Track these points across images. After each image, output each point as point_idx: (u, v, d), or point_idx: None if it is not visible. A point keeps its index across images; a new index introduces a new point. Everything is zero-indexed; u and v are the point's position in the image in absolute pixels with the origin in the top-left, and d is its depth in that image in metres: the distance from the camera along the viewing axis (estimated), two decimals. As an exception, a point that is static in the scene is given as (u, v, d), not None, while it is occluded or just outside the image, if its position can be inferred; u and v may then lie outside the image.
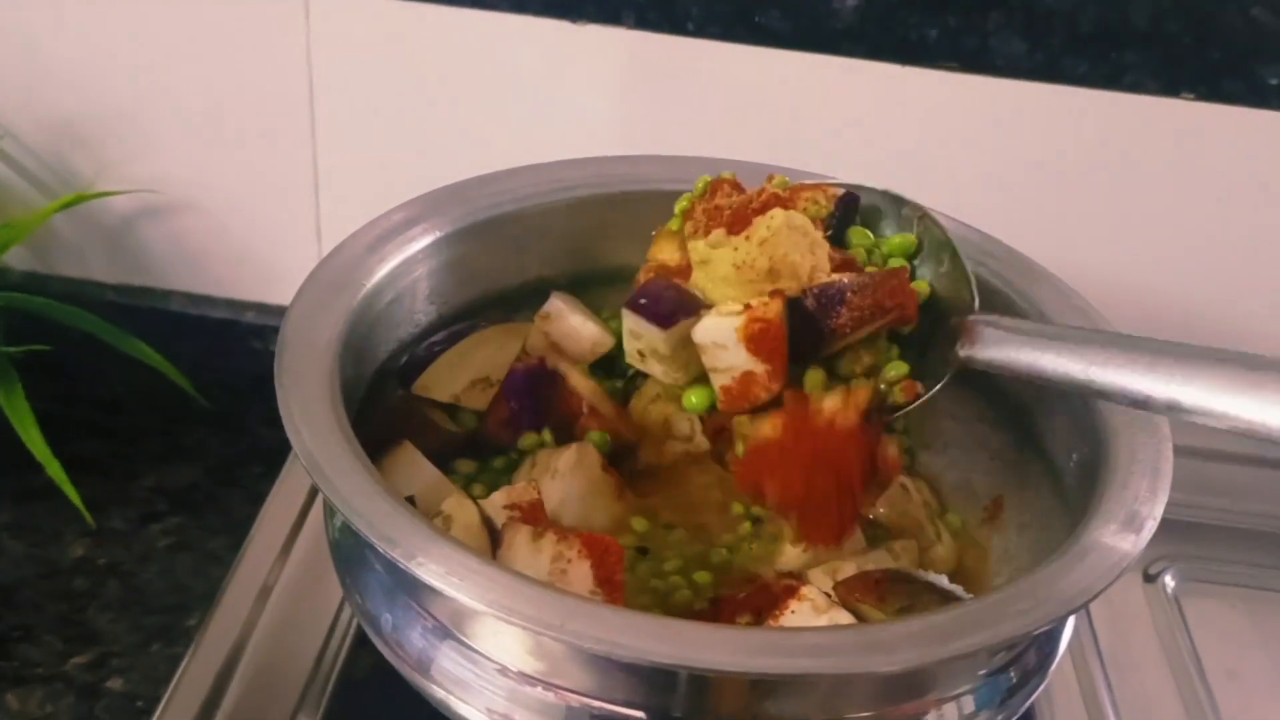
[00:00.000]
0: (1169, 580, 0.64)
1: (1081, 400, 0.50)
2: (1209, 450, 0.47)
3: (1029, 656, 0.45)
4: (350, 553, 0.48)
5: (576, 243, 0.60)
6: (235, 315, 0.81)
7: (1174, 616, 0.61)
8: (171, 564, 0.69)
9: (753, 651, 0.37)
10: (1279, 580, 0.64)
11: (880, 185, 0.54)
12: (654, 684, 0.41)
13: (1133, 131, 0.70)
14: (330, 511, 0.51)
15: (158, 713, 0.56)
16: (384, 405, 0.54)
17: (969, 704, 0.43)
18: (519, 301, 0.59)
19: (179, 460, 0.77)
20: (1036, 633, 0.40)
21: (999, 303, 0.55)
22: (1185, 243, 0.73)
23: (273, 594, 0.60)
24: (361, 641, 0.55)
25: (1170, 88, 0.68)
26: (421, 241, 0.54)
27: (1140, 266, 0.73)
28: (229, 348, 0.82)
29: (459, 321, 0.57)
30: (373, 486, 0.42)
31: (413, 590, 0.44)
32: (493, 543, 0.48)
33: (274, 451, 0.75)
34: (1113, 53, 0.68)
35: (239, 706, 0.55)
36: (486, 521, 0.48)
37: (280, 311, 0.79)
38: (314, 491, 0.68)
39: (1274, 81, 0.67)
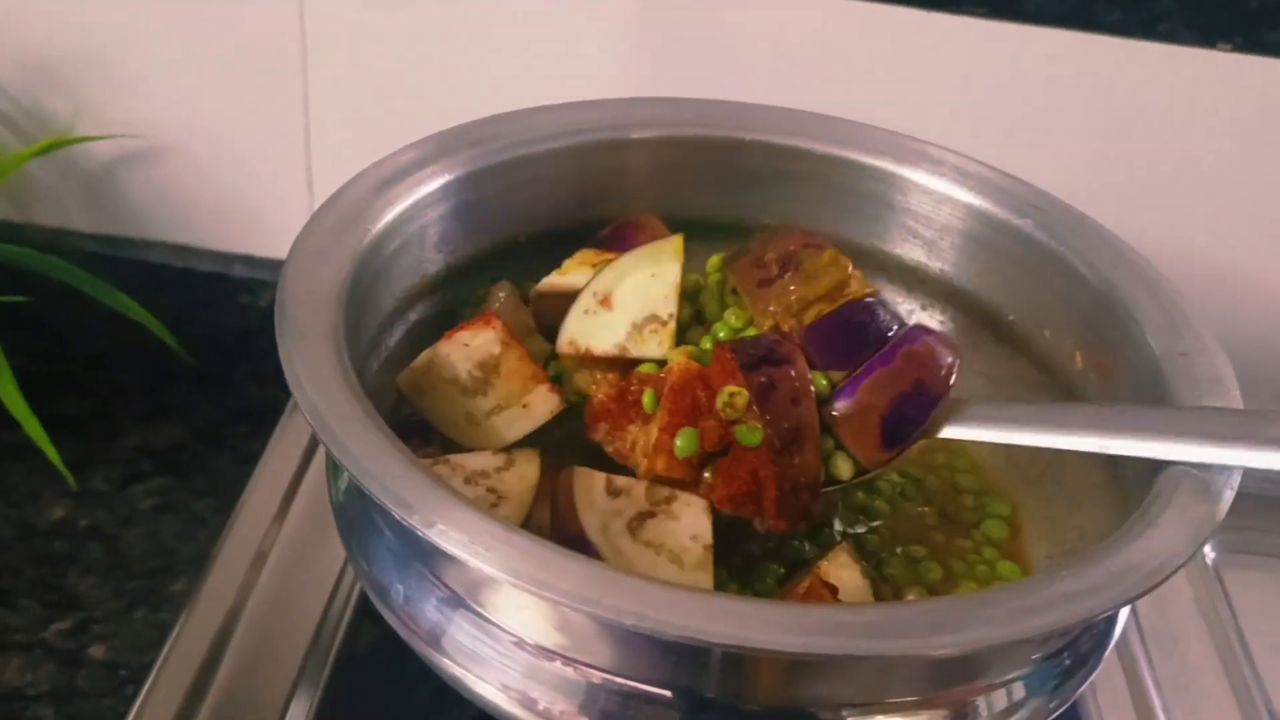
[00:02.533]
0: (1209, 552, 0.62)
1: (1145, 366, 0.47)
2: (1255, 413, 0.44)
3: (1084, 639, 0.42)
4: (357, 517, 0.45)
5: (589, 189, 0.57)
6: (222, 268, 0.78)
7: (1215, 590, 0.59)
8: (156, 526, 0.68)
9: (809, 630, 0.34)
10: (1322, 551, 0.62)
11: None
12: (685, 662, 0.38)
13: (1168, 83, 0.67)
14: (335, 473, 0.47)
15: (146, 686, 0.53)
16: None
17: (1019, 690, 0.40)
18: (529, 253, 0.56)
19: (163, 419, 0.76)
20: (1112, 610, 0.37)
21: (1046, 258, 0.52)
22: (1221, 200, 0.70)
23: (268, 560, 0.58)
24: (365, 612, 0.52)
25: (1206, 38, 0.66)
26: (431, 184, 0.51)
27: (1177, 223, 0.71)
28: (215, 301, 0.79)
29: (468, 273, 0.54)
30: (386, 446, 0.38)
31: (428, 559, 0.41)
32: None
33: (262, 410, 0.73)
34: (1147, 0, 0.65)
35: (234, 680, 0.52)
36: None
37: (270, 264, 0.78)
38: (310, 452, 0.66)
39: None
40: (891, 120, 0.59)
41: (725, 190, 0.58)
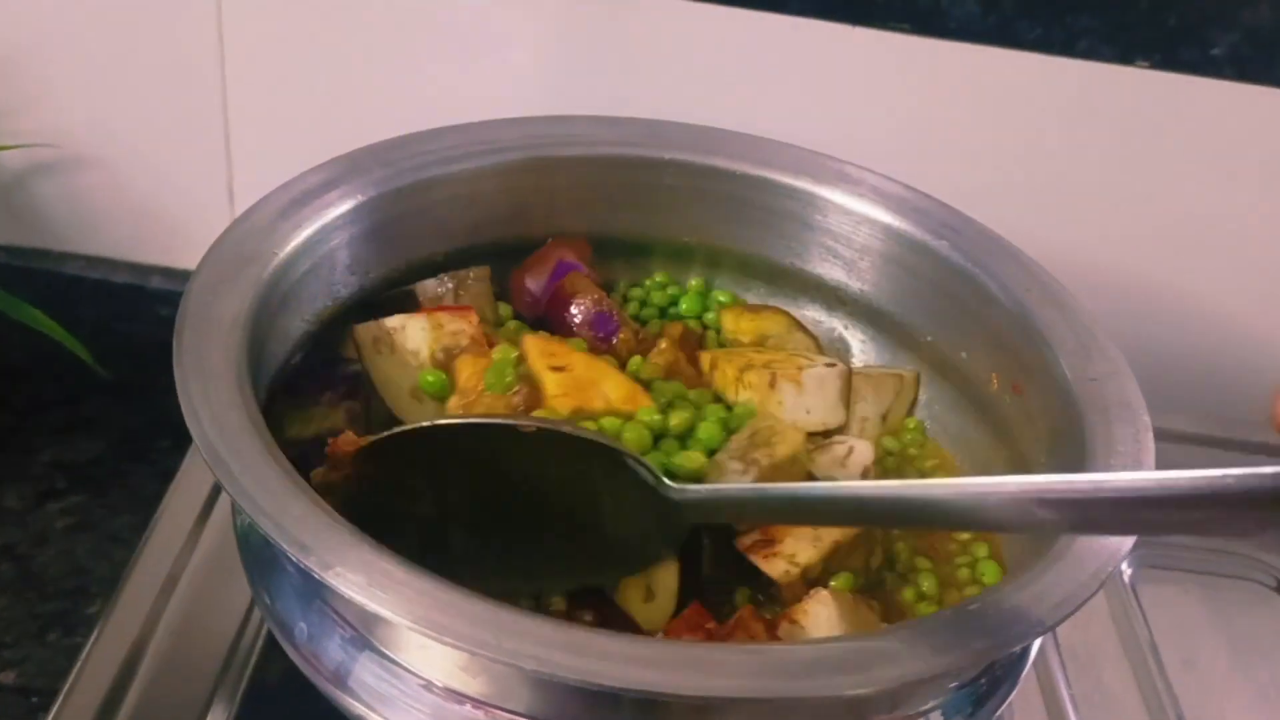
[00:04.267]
0: (1125, 568, 0.62)
1: (1057, 389, 0.47)
2: (1161, 431, 0.45)
3: (1000, 664, 0.42)
4: (259, 551, 0.44)
5: (506, 209, 0.56)
6: (139, 280, 0.77)
7: (1131, 605, 0.60)
8: (70, 546, 0.67)
9: (715, 672, 0.34)
10: (1233, 565, 0.63)
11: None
12: (596, 704, 0.37)
13: (1087, 100, 0.68)
14: (237, 506, 0.46)
15: (53, 712, 0.52)
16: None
17: (936, 718, 0.40)
18: (443, 272, 0.55)
19: (79, 433, 0.74)
20: (1029, 641, 0.37)
21: (964, 279, 0.52)
22: (1138, 215, 0.71)
23: (179, 583, 0.56)
24: (274, 642, 0.51)
25: (1125, 55, 0.67)
26: (340, 206, 0.50)
27: (1094, 238, 0.72)
28: (132, 314, 0.78)
29: (381, 295, 0.53)
30: (284, 484, 0.38)
31: (330, 597, 0.40)
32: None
33: (183, 424, 0.71)
34: (1067, 17, 0.66)
35: (139, 710, 0.50)
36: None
37: (188, 276, 0.76)
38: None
39: (1227, 50, 0.65)
40: (813, 137, 0.59)
41: (645, 209, 0.58)
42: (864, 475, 0.50)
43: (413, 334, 0.50)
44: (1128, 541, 0.40)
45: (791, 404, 0.52)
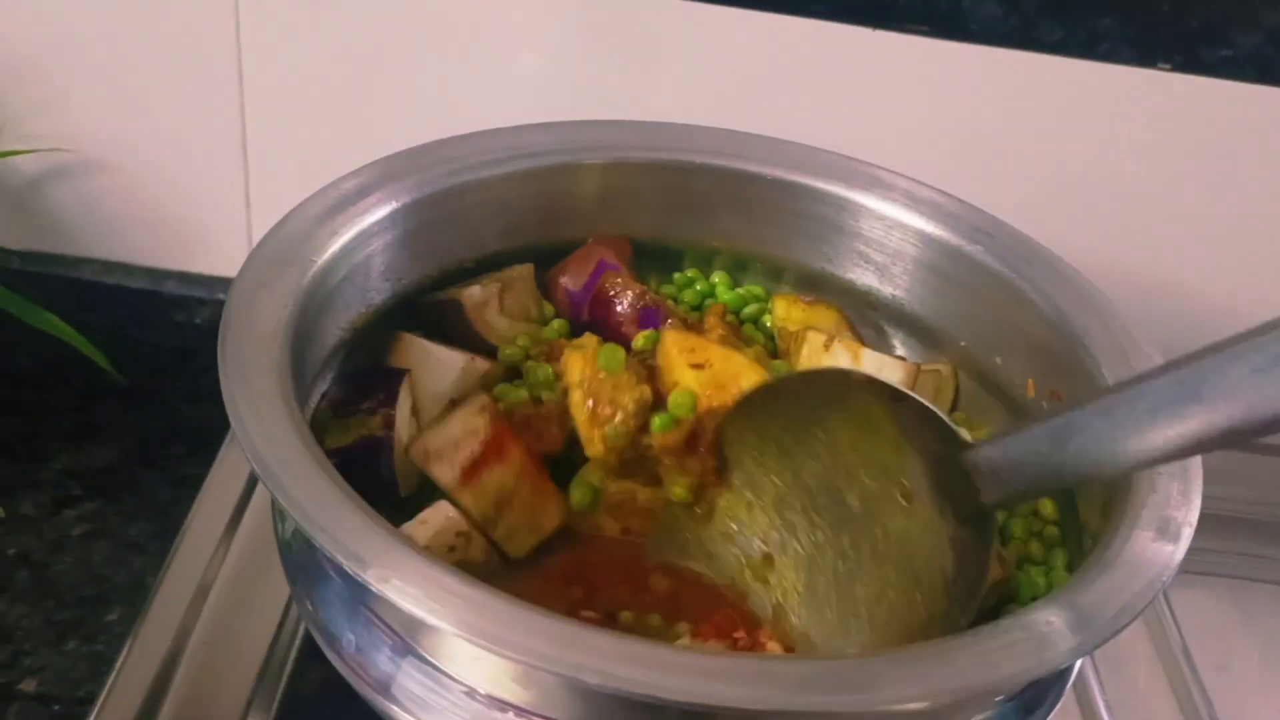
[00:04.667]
0: (1154, 571, 0.62)
1: (1094, 389, 0.47)
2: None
3: (1046, 678, 0.42)
4: (304, 560, 0.44)
5: (538, 214, 0.56)
6: (154, 285, 0.76)
7: (1162, 609, 0.59)
8: (87, 553, 0.66)
9: (772, 684, 0.34)
10: (1264, 569, 0.63)
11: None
12: (646, 715, 0.37)
13: (1109, 103, 0.68)
14: (282, 514, 0.46)
15: (88, 722, 0.51)
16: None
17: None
18: (474, 279, 0.55)
19: (93, 440, 0.73)
20: (1085, 654, 0.37)
21: (998, 284, 0.52)
22: (1163, 218, 0.71)
23: (211, 592, 0.56)
24: (311, 650, 0.51)
25: (1146, 57, 0.66)
26: (377, 213, 0.49)
27: (1120, 242, 0.72)
28: (147, 319, 0.77)
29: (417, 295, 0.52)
30: (336, 494, 0.37)
31: (379, 607, 0.40)
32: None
33: (198, 430, 0.71)
34: (1089, 19, 0.66)
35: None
36: None
37: (204, 281, 0.76)
38: (255, 479, 0.64)
39: (1249, 52, 0.65)
40: (836, 139, 0.59)
41: (676, 213, 0.58)
42: None
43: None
44: (1180, 550, 0.40)
45: None
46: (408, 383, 0.50)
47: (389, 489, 0.48)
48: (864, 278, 0.57)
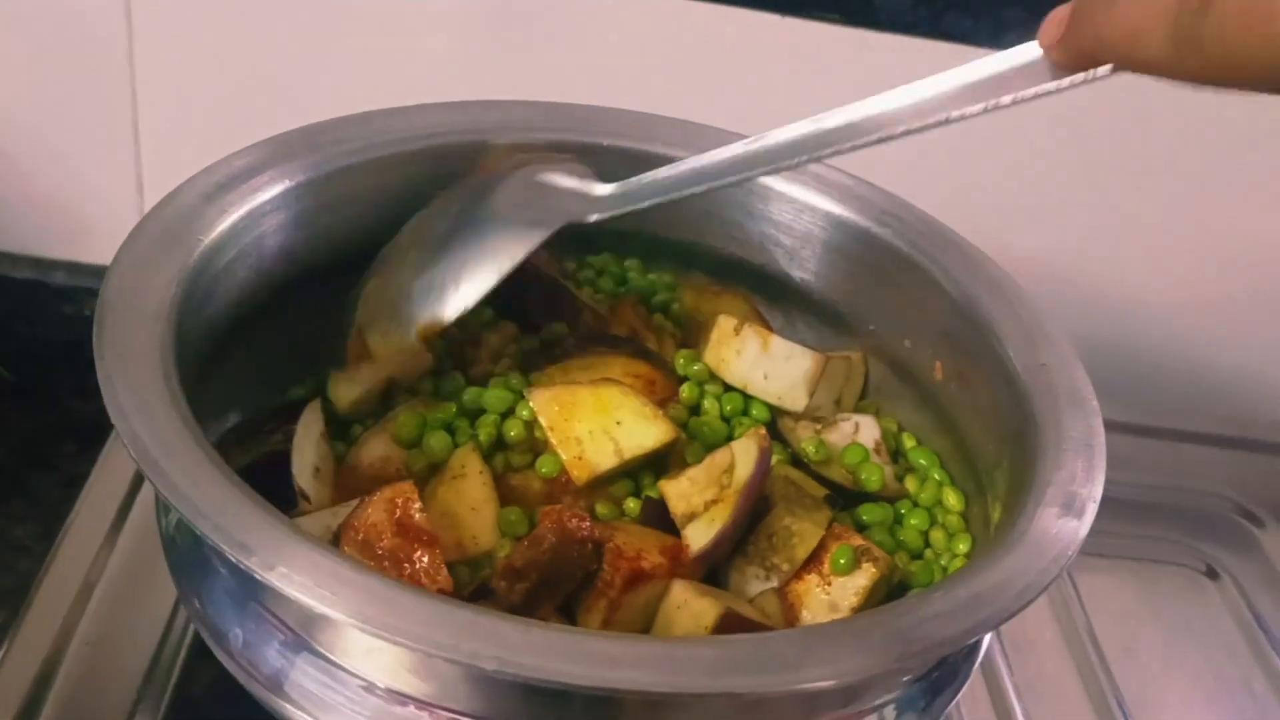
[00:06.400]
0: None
1: (1004, 378, 0.47)
2: (1107, 423, 0.45)
3: (953, 656, 0.41)
4: (189, 554, 0.42)
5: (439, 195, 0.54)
6: (41, 275, 0.74)
7: (1069, 592, 0.60)
8: None
9: (672, 668, 0.33)
10: (1169, 552, 0.63)
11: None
12: (547, 702, 0.36)
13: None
14: (165, 506, 0.44)
15: (-40, 730, 0.49)
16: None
17: (890, 713, 0.39)
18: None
19: (-22, 438, 0.69)
20: (992, 630, 0.36)
21: (906, 267, 0.52)
22: (1067, 205, 0.72)
23: (95, 591, 0.53)
24: (202, 649, 0.49)
25: (1050, 47, 0.67)
26: (269, 191, 0.47)
27: (1028, 229, 0.72)
28: (34, 312, 0.74)
29: (312, 283, 0.50)
30: (220, 481, 0.35)
31: (269, 599, 0.38)
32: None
33: (89, 427, 0.69)
34: (995, 9, 0.66)
35: (56, 726, 0.48)
36: None
37: (95, 271, 0.74)
38: (141, 475, 0.61)
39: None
40: (746, 123, 0.57)
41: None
42: (876, 450, 0.50)
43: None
44: (1085, 525, 0.40)
45: (751, 360, 0.51)
46: (315, 407, 0.48)
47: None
48: (774, 262, 0.56)
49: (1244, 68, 0.30)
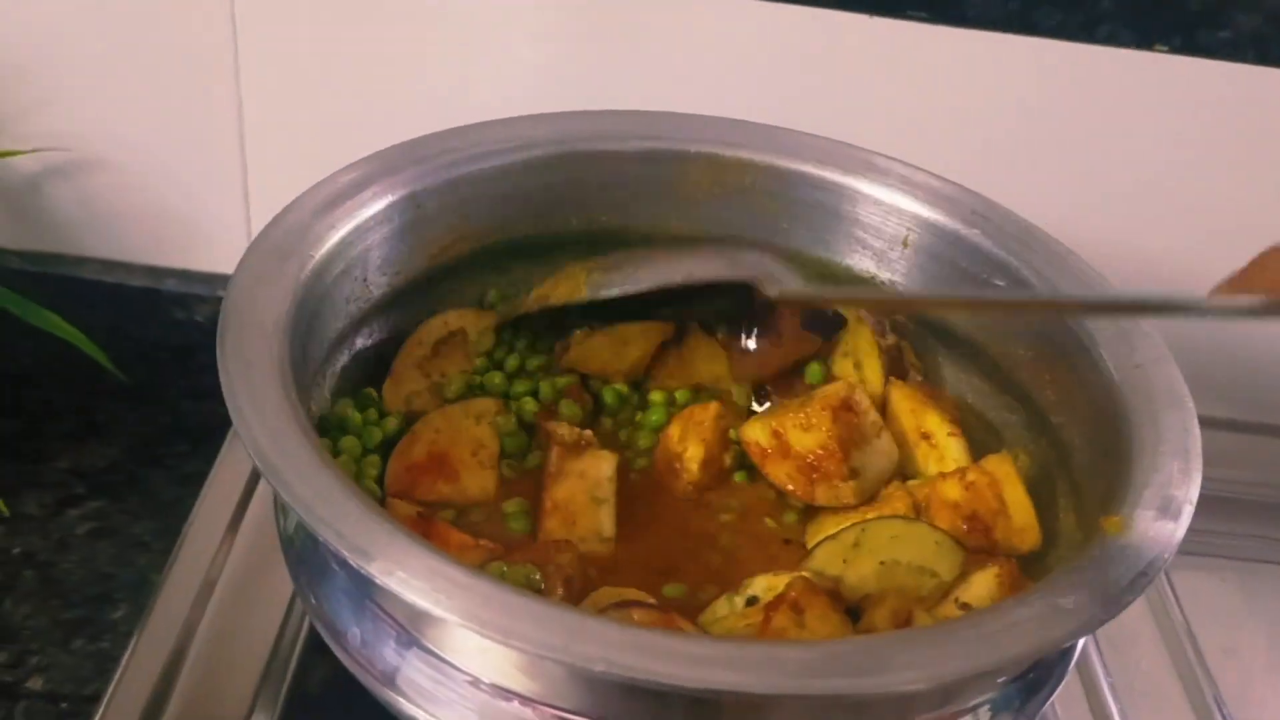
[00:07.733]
0: (1159, 554, 0.62)
1: (1098, 377, 0.47)
2: (1203, 419, 0.44)
3: (1050, 657, 0.42)
4: (307, 554, 0.44)
5: (536, 205, 0.56)
6: (154, 283, 0.76)
7: (1166, 592, 0.59)
8: (92, 552, 0.66)
9: (776, 670, 0.34)
10: (1270, 551, 0.63)
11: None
12: (649, 702, 0.37)
13: (1108, 86, 0.67)
14: (284, 508, 0.46)
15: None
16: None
17: (985, 714, 0.40)
18: (471, 271, 0.55)
19: (96, 439, 0.73)
20: (1090, 633, 0.37)
21: (996, 269, 0.52)
22: (1161, 200, 0.71)
23: (216, 589, 0.56)
24: (316, 646, 0.51)
25: (1144, 40, 0.66)
26: (375, 206, 0.49)
27: (1119, 225, 0.71)
28: (148, 317, 0.76)
29: (413, 294, 0.52)
30: (338, 488, 0.37)
31: (384, 600, 0.40)
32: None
33: (200, 427, 0.71)
34: (1086, 2, 0.65)
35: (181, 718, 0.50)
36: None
37: (204, 279, 0.76)
38: (257, 474, 0.64)
39: (1248, 33, 0.65)
40: (833, 126, 0.58)
41: (674, 202, 0.57)
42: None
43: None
44: (1181, 528, 0.40)
45: None
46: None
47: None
48: (862, 263, 0.57)
49: None
